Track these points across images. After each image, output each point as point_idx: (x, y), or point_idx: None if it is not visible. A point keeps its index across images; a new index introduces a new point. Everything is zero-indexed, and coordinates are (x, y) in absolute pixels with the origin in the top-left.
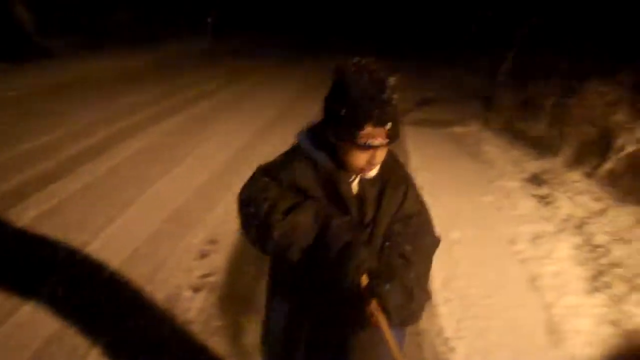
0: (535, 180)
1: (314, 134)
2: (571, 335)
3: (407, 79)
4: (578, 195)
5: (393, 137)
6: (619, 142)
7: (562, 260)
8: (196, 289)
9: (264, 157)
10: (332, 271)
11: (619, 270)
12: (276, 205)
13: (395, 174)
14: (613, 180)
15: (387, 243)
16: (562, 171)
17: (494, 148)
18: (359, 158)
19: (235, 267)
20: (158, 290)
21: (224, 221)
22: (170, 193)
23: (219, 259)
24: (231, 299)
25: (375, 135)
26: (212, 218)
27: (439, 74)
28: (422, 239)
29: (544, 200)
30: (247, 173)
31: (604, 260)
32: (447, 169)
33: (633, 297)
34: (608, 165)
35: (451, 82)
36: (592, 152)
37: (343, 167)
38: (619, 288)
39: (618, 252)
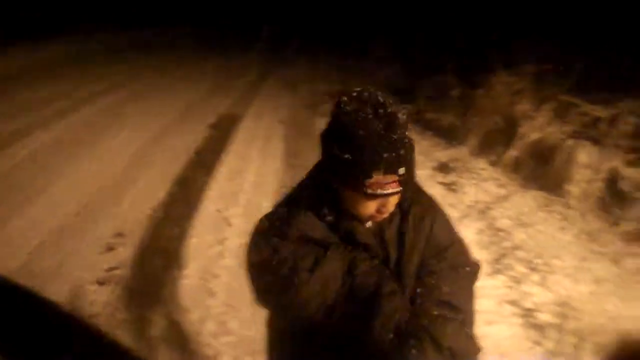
0: (443, 168)
1: (314, 180)
2: None
3: (318, 70)
4: (483, 182)
5: (407, 182)
6: (522, 130)
7: None
8: (102, 282)
9: (172, 150)
10: (355, 325)
11: (520, 253)
12: (297, 264)
13: (416, 203)
14: (517, 167)
15: (419, 289)
16: (469, 159)
17: None
18: (367, 207)
19: (142, 260)
20: (63, 283)
21: (131, 214)
22: (76, 186)
23: (125, 253)
24: (137, 292)
25: (385, 183)
26: (120, 212)
27: (349, 65)
28: (460, 273)
29: (451, 187)
30: (154, 167)
31: (505, 244)
32: None
33: (532, 277)
34: (512, 153)
35: (363, 73)
36: (498, 140)
37: (350, 216)
38: (519, 269)
39: (519, 235)
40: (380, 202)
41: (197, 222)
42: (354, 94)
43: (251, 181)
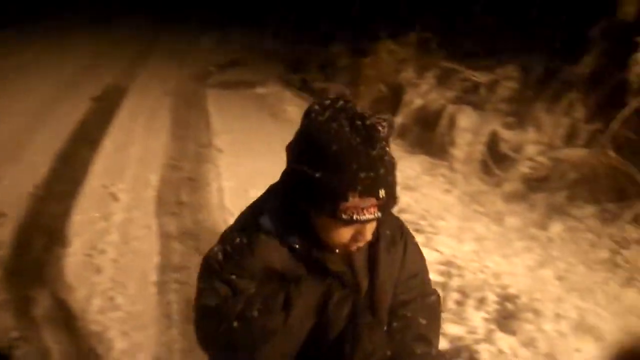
0: None
1: (278, 200)
2: None
3: (208, 40)
4: None
5: (387, 207)
6: (407, 97)
7: None
8: None
9: (55, 125)
10: None
11: (405, 216)
12: (268, 305)
13: (386, 224)
14: (403, 133)
15: (395, 323)
16: None
17: (295, 108)
18: (341, 235)
19: (23, 239)
20: None
21: (11, 194)
22: None
23: (5, 233)
24: (19, 272)
25: (363, 207)
26: None
27: (242, 36)
28: (430, 303)
29: None
30: (36, 143)
31: None
32: (248, 130)
33: (417, 239)
34: (398, 120)
35: (253, 44)
36: (385, 108)
37: (320, 243)
38: None
39: (404, 199)
40: (356, 229)
41: (81, 199)
42: (327, 102)
43: (137, 155)
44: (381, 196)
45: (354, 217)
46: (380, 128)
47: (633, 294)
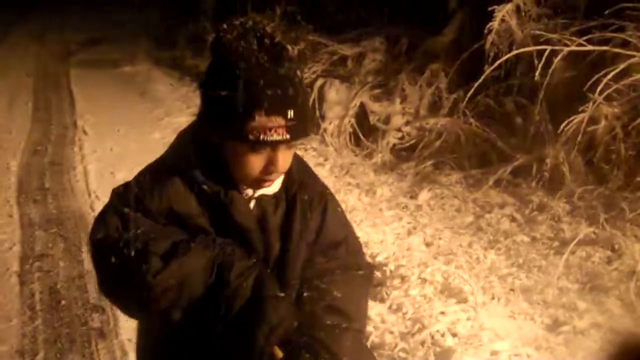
0: None
1: (187, 138)
2: None
3: (70, 18)
4: None
5: (298, 130)
6: None
7: None
8: None
9: None
10: (232, 337)
11: None
12: (149, 248)
13: (306, 188)
14: None
15: (306, 293)
16: None
17: (164, 86)
18: (251, 163)
19: None
20: None
21: None
22: None
23: None
24: None
25: (270, 127)
26: None
27: (104, 12)
28: (354, 276)
29: None
30: None
31: None
32: (114, 110)
33: None
34: None
35: (118, 20)
36: None
37: (232, 182)
38: None
39: None
40: (266, 156)
41: None
42: (237, 22)
43: None
44: (289, 116)
45: (261, 138)
46: (289, 48)
47: (494, 256)
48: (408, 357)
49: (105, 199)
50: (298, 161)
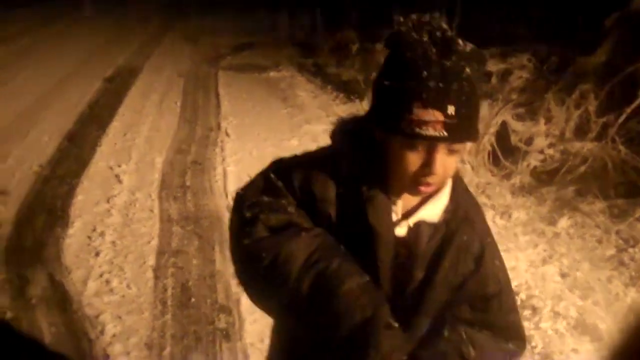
0: None
1: (351, 131)
2: None
3: (223, 23)
4: None
5: (458, 131)
6: None
7: None
8: None
9: (65, 105)
10: (342, 356)
11: None
12: (261, 215)
13: (467, 227)
14: None
15: (447, 333)
16: None
17: (306, 93)
18: (407, 160)
19: (24, 219)
20: None
21: (16, 172)
22: None
23: (6, 211)
24: (18, 251)
25: (427, 121)
26: (5, 168)
27: (255, 17)
28: (498, 347)
29: None
30: (45, 122)
31: None
32: (256, 114)
33: None
34: None
35: (267, 26)
36: None
37: (383, 185)
38: None
39: None
40: (423, 155)
41: (85, 179)
42: (413, 16)
43: (145, 136)
44: (449, 112)
45: (416, 131)
46: (461, 43)
47: (635, 294)
48: None
49: None
50: (467, 194)
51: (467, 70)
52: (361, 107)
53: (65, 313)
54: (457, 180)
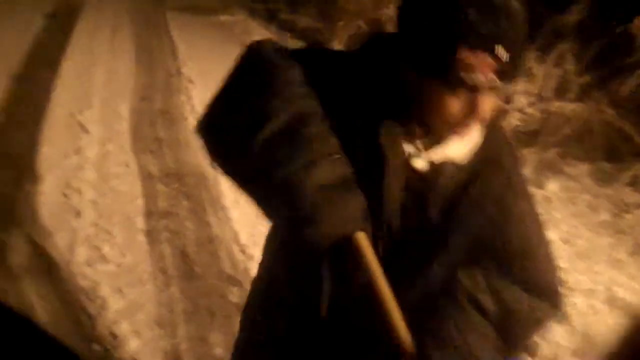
0: None
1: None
2: None
3: None
4: None
5: (507, 72)
6: None
7: None
8: None
9: (7, 45)
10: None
11: None
12: (279, 67)
13: (497, 167)
14: None
15: (459, 273)
16: None
17: (261, 38)
18: (448, 108)
19: None
20: None
21: None
22: None
23: None
24: None
25: (475, 64)
26: None
27: None
28: (528, 299)
29: None
30: None
31: None
32: (215, 59)
33: None
34: None
35: None
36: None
37: (410, 116)
38: None
39: None
40: (465, 99)
41: (47, 128)
42: None
43: (102, 80)
44: (499, 54)
45: (462, 75)
46: None
47: None
48: None
49: None
50: (501, 134)
51: (516, 5)
52: None
53: (56, 284)
54: (494, 118)
